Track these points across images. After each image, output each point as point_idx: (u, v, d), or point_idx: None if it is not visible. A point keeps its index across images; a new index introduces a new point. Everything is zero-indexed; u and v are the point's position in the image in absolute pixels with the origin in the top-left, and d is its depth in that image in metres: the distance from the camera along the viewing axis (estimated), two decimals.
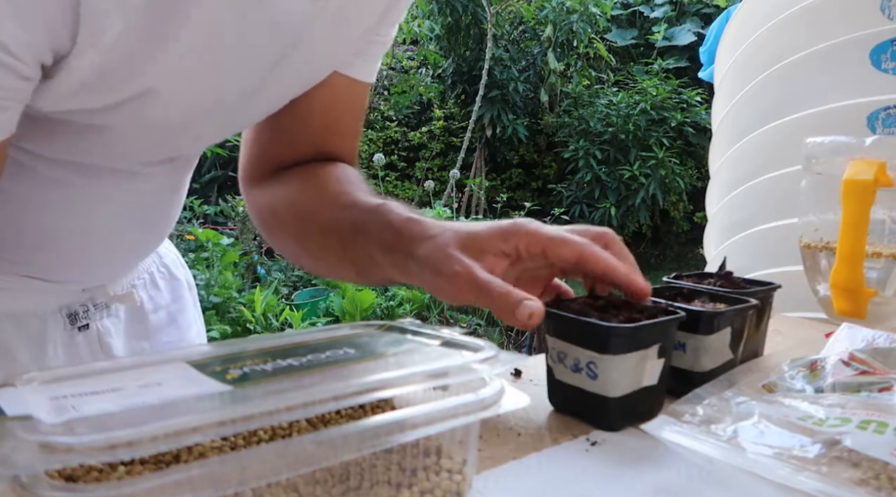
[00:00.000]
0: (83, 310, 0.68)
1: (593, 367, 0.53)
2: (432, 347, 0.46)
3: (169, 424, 0.32)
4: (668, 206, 6.33)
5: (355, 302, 3.52)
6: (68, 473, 0.35)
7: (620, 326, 0.52)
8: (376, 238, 0.58)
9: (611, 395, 0.53)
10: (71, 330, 0.67)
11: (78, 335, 0.68)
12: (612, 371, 0.52)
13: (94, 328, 0.69)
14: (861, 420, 0.52)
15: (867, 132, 1.11)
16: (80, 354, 0.68)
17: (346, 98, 0.70)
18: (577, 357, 0.54)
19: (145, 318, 0.75)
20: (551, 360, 0.57)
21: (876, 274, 0.87)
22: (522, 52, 6.67)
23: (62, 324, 0.67)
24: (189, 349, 0.46)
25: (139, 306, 0.74)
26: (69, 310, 0.67)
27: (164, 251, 0.81)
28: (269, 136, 0.70)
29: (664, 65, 6.61)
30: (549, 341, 0.56)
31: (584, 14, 6.17)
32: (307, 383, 0.38)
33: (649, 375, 0.54)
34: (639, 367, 0.53)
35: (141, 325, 0.74)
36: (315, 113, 0.68)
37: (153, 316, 0.76)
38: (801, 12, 1.27)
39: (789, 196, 1.04)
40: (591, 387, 0.54)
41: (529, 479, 0.47)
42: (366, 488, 0.40)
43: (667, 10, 6.91)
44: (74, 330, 0.68)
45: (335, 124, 0.71)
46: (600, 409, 0.54)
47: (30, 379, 0.40)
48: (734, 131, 1.43)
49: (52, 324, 0.66)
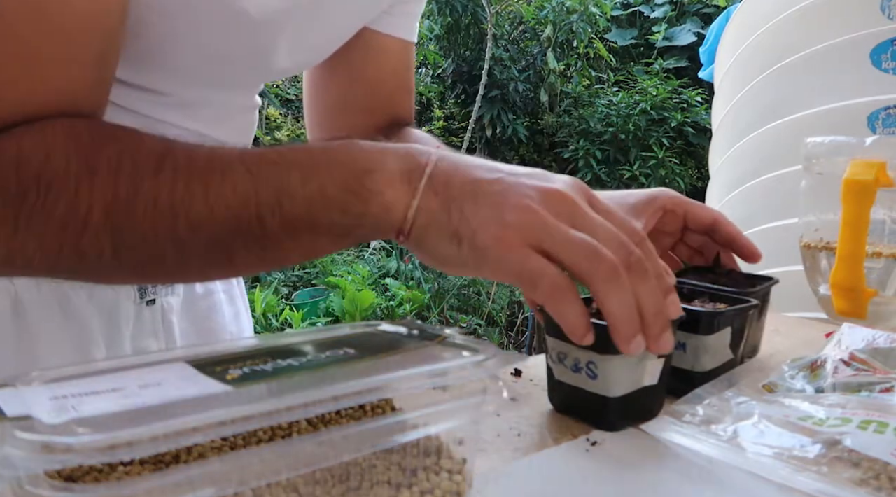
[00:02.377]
0: (151, 284, 0.70)
1: (593, 367, 0.53)
2: (432, 347, 0.46)
3: (169, 424, 0.32)
4: None
5: (355, 302, 3.52)
6: (68, 473, 0.35)
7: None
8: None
9: (611, 394, 0.53)
10: (140, 303, 0.69)
11: (145, 310, 0.70)
12: (612, 371, 0.52)
13: (160, 304, 0.71)
14: (861, 420, 0.52)
15: (867, 132, 1.11)
16: (144, 330, 0.70)
17: (405, 59, 0.77)
18: (577, 357, 0.54)
19: (197, 301, 0.77)
20: (551, 361, 0.57)
21: (876, 274, 0.87)
22: (522, 52, 6.67)
23: (133, 296, 0.69)
24: (189, 349, 0.46)
25: (193, 290, 0.76)
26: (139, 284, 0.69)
27: None
28: (341, 112, 0.76)
29: (664, 65, 6.61)
30: (550, 341, 0.56)
31: (584, 14, 6.17)
32: (307, 383, 0.38)
33: (650, 375, 0.54)
34: (639, 366, 0.53)
35: (194, 308, 0.76)
36: (383, 80, 0.76)
37: (204, 301, 0.77)
38: (801, 12, 1.27)
39: (789, 196, 1.04)
40: (592, 387, 0.54)
41: (529, 479, 0.47)
42: (366, 488, 0.40)
43: (667, 10, 6.90)
44: (143, 304, 0.70)
45: (403, 84, 0.79)
46: (600, 409, 0.54)
47: (30, 379, 0.40)
48: (734, 131, 1.43)
49: (123, 295, 0.68)
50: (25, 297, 0.62)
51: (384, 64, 0.76)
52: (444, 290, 4.02)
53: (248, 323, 0.86)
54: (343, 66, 0.73)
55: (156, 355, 0.44)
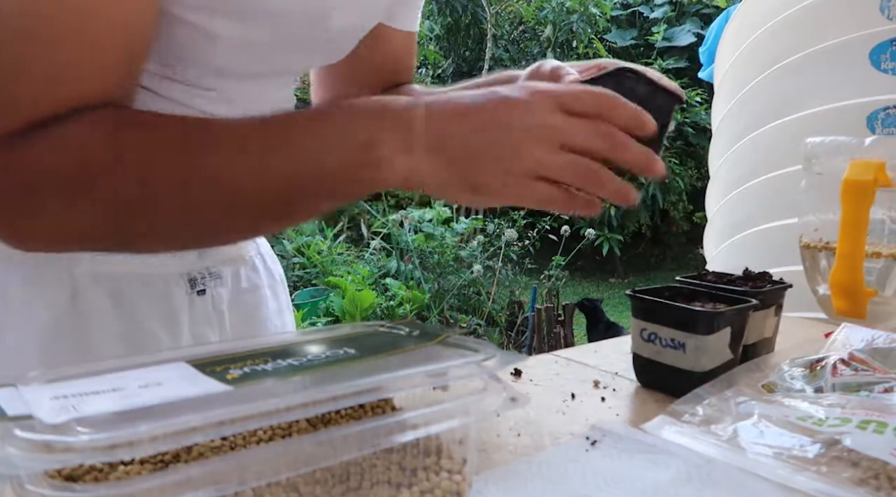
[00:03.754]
0: (200, 276, 0.72)
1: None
2: (432, 347, 0.46)
3: (169, 424, 0.32)
4: (667, 206, 6.32)
5: (355, 302, 3.52)
6: (68, 473, 0.35)
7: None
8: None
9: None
10: (191, 293, 0.72)
11: (197, 300, 0.72)
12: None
13: (210, 294, 0.73)
14: (861, 420, 0.52)
15: (867, 132, 1.11)
16: (199, 319, 0.72)
17: (406, 48, 0.84)
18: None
19: (244, 295, 0.79)
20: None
21: (876, 274, 0.87)
22: (522, 52, 6.66)
23: (184, 287, 0.71)
24: (189, 349, 0.46)
25: (239, 284, 0.78)
26: (189, 275, 0.71)
27: (261, 241, 0.85)
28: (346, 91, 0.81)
29: (664, 65, 6.60)
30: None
31: (583, 14, 6.17)
32: (307, 383, 0.38)
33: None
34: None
35: (241, 301, 0.78)
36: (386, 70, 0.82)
37: (251, 295, 0.80)
38: (801, 12, 1.27)
39: (789, 196, 1.04)
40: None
41: (529, 478, 0.47)
42: (366, 488, 0.40)
43: (666, 10, 6.90)
44: (194, 294, 0.72)
45: (405, 73, 0.85)
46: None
47: (30, 379, 0.40)
48: (734, 131, 1.43)
49: (175, 287, 0.70)
50: (82, 291, 0.64)
51: (389, 52, 0.82)
52: (444, 290, 4.02)
53: (291, 319, 0.88)
54: (351, 56, 0.76)
55: (156, 355, 0.44)
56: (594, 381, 0.69)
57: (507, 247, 4.18)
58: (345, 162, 0.50)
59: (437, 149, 0.50)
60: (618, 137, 0.51)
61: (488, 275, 4.23)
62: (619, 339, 0.84)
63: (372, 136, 0.50)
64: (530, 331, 3.72)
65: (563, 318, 3.68)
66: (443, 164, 0.51)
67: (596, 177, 0.52)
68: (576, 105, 0.51)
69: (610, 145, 0.51)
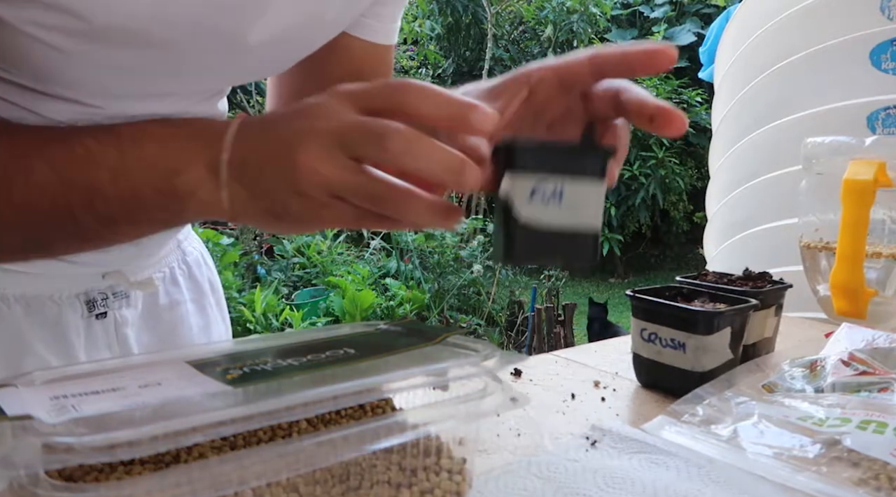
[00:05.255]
0: (101, 297, 0.67)
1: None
2: (432, 347, 0.46)
3: (169, 424, 0.32)
4: (667, 206, 6.32)
5: (355, 302, 3.52)
6: (68, 473, 0.35)
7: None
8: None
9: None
10: (89, 317, 0.67)
11: (96, 323, 0.67)
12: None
13: (112, 317, 0.68)
14: (861, 420, 0.52)
15: (867, 132, 1.11)
16: (97, 344, 0.67)
17: (371, 62, 0.70)
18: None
19: (161, 313, 0.74)
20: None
21: (876, 274, 0.87)
22: (522, 52, 6.67)
23: (80, 310, 0.66)
24: (189, 349, 0.46)
25: (156, 301, 0.73)
26: (87, 296, 0.66)
27: (189, 248, 0.79)
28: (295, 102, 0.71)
29: None
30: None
31: (584, 14, 6.17)
32: (307, 383, 0.38)
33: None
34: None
35: (156, 320, 0.73)
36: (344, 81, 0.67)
37: (168, 313, 0.74)
38: (801, 12, 1.27)
39: (789, 196, 1.04)
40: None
41: (529, 478, 0.47)
42: (366, 488, 0.40)
43: (667, 10, 6.90)
44: (92, 318, 0.67)
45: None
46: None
47: (30, 379, 0.40)
48: (734, 131, 1.43)
49: (68, 309, 0.65)
50: None
51: (345, 64, 0.68)
52: (444, 290, 4.02)
53: (226, 331, 0.82)
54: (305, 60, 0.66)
55: (156, 355, 0.44)
56: (594, 381, 0.69)
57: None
58: (155, 189, 0.45)
59: (239, 173, 0.44)
60: (408, 137, 0.40)
61: (488, 275, 4.23)
62: (619, 339, 0.84)
63: (178, 164, 0.44)
64: (530, 331, 3.72)
65: (563, 318, 3.69)
66: (245, 190, 0.44)
67: (392, 200, 0.42)
68: (372, 101, 0.43)
69: (403, 149, 0.40)
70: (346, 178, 0.41)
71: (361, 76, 0.67)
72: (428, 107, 0.42)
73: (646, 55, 0.47)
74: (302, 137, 0.42)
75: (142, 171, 0.45)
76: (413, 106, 0.42)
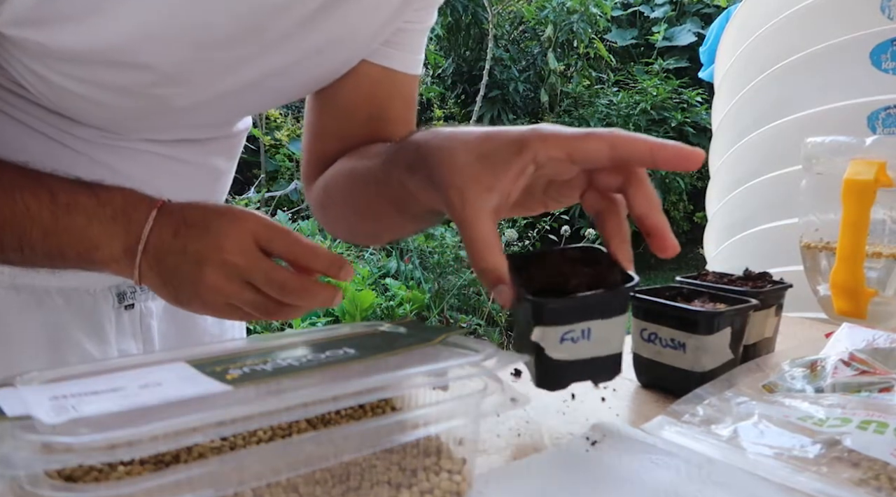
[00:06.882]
0: (130, 290, 0.73)
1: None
2: (432, 347, 0.46)
3: (169, 424, 0.32)
4: (668, 206, 6.31)
5: (355, 302, 3.52)
6: (68, 473, 0.35)
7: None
8: (403, 161, 0.54)
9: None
10: (119, 308, 0.72)
11: (125, 314, 0.73)
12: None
13: (139, 308, 0.74)
14: (861, 420, 0.52)
15: (867, 132, 1.11)
16: (125, 332, 0.73)
17: (387, 88, 0.71)
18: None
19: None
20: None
21: (876, 274, 0.87)
22: (523, 52, 6.66)
23: (111, 302, 0.71)
24: (189, 349, 0.46)
25: None
26: (118, 289, 0.72)
27: None
28: (318, 137, 0.74)
29: (664, 65, 6.60)
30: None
31: (584, 14, 6.16)
32: (307, 383, 0.38)
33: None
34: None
35: (176, 311, 0.76)
36: (357, 106, 0.70)
37: None
38: (801, 12, 1.27)
39: (789, 196, 1.04)
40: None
41: (529, 479, 0.47)
42: (366, 488, 0.40)
43: (667, 10, 6.90)
44: (122, 308, 0.72)
45: (382, 113, 0.71)
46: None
47: (30, 379, 0.40)
48: (734, 131, 1.43)
49: (102, 301, 0.70)
50: (2, 301, 0.64)
51: (358, 90, 0.70)
52: (444, 290, 4.02)
53: (239, 325, 0.86)
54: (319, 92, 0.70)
55: (156, 355, 0.44)
56: None
57: (508, 246, 4.18)
58: (77, 254, 0.54)
59: (153, 262, 0.54)
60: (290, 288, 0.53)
61: None
62: None
63: (99, 241, 0.53)
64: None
65: None
66: (156, 276, 0.54)
67: (275, 313, 0.55)
68: (270, 245, 0.54)
69: (281, 294, 0.53)
70: (243, 296, 0.53)
71: (374, 102, 0.71)
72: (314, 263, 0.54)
73: (676, 157, 0.48)
74: (210, 260, 0.52)
75: (69, 237, 0.53)
76: (303, 260, 0.54)
